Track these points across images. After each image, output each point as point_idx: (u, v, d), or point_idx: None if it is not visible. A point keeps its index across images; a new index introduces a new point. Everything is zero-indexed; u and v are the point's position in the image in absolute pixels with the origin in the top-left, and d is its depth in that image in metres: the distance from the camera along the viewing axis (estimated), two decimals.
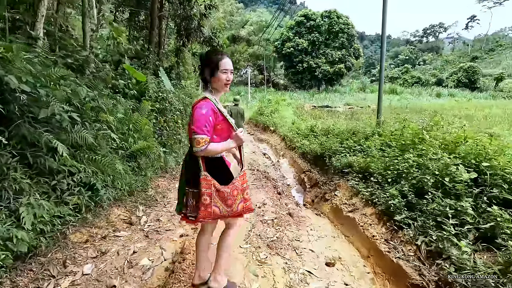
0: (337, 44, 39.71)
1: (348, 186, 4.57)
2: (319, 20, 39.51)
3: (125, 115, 4.76)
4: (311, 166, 6.86)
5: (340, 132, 6.96)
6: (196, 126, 1.82)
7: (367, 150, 5.13)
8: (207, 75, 1.94)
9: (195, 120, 1.83)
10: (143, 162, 4.61)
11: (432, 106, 18.35)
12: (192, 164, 1.96)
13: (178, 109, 7.70)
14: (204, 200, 1.89)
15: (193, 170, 1.95)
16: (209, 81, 1.98)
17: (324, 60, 39.38)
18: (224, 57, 1.93)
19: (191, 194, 2.00)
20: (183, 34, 12.38)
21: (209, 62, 1.93)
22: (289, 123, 11.90)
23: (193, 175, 1.95)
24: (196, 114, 1.85)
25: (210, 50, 2.19)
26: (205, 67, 1.95)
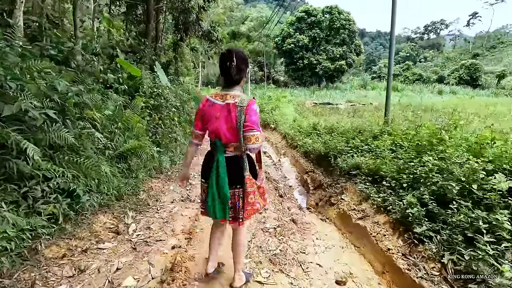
0: (338, 41, 39.23)
1: (356, 189, 4.21)
2: (320, 16, 39.00)
3: (115, 112, 4.40)
4: (315, 166, 6.50)
5: (345, 131, 6.60)
6: (255, 123, 1.89)
7: (376, 151, 4.77)
8: (244, 74, 2.01)
9: (252, 117, 1.89)
10: (134, 163, 4.25)
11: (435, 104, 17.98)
12: (235, 164, 1.99)
13: (174, 106, 7.33)
14: (250, 199, 2.00)
15: (237, 171, 1.99)
16: (241, 80, 2.02)
17: (325, 57, 38.92)
18: None
19: (237, 196, 2.02)
20: (181, 28, 11.99)
21: (247, 60, 2.02)
22: (290, 121, 11.53)
23: (239, 175, 1.99)
24: (252, 112, 1.90)
25: (241, 50, 2.06)
26: (247, 65, 2.03)
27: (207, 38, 11.51)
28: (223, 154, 1.98)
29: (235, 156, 1.99)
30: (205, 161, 2.16)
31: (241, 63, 1.96)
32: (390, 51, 5.86)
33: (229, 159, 1.98)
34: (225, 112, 1.93)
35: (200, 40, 12.06)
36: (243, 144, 1.93)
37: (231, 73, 1.94)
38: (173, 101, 7.14)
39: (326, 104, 20.02)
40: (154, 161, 4.94)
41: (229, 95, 1.95)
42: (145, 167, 4.64)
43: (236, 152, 2.00)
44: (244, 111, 1.88)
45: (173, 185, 5.16)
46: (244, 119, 1.87)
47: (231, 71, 1.94)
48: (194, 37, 12.15)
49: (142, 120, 5.13)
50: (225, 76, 1.99)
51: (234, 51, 1.95)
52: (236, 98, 1.92)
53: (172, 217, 3.85)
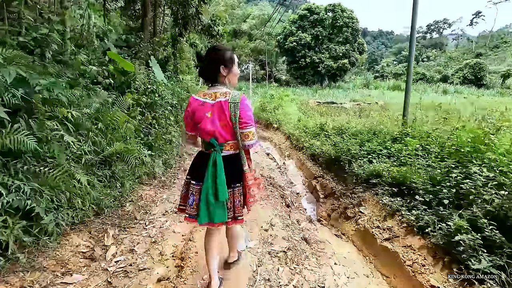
0: (341, 39, 38.62)
1: (379, 202, 3.61)
2: (322, 14, 38.37)
3: (102, 111, 3.81)
4: (324, 171, 5.90)
5: (357, 132, 5.99)
6: (249, 118, 1.88)
7: (399, 156, 4.17)
8: (223, 69, 1.91)
9: (245, 112, 1.86)
10: (119, 170, 3.65)
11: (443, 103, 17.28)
12: (234, 161, 1.96)
13: (171, 104, 6.73)
14: (252, 192, 2.01)
15: (236, 167, 1.96)
16: (225, 76, 1.94)
17: (327, 55, 38.36)
18: (233, 52, 1.98)
19: (238, 194, 1.97)
20: (180, 23, 11.38)
21: (225, 56, 1.91)
22: (295, 120, 10.92)
23: (238, 173, 1.97)
24: (246, 108, 1.87)
25: (219, 46, 2.00)
26: (222, 62, 1.91)
27: (207, 33, 10.88)
28: (221, 154, 1.91)
29: (233, 154, 1.96)
30: (198, 162, 2.07)
31: (214, 58, 1.92)
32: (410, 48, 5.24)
33: (227, 158, 1.93)
34: (217, 111, 1.86)
35: (200, 35, 11.41)
36: (240, 141, 1.91)
37: (204, 71, 1.97)
38: (169, 99, 6.53)
39: (330, 103, 19.40)
40: (146, 165, 4.34)
41: (219, 93, 1.89)
42: (133, 173, 4.04)
43: (233, 150, 1.96)
44: (239, 107, 1.84)
45: (166, 193, 4.57)
46: (239, 115, 1.84)
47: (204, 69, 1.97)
48: (194, 32, 11.51)
49: (131, 120, 4.55)
50: (201, 74, 2.03)
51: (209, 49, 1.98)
52: (228, 95, 1.87)
53: (162, 234, 3.25)
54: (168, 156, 5.92)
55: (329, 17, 38.57)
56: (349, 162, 4.86)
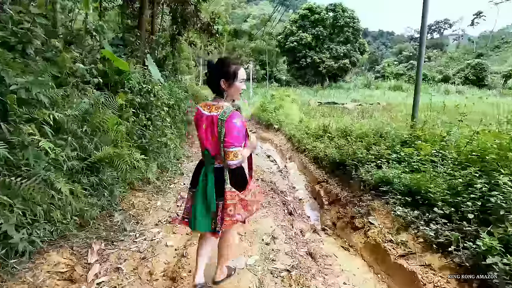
0: (342, 39, 38.40)
1: (390, 212, 3.32)
2: (323, 14, 38.06)
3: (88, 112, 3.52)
4: (328, 176, 5.60)
5: (362, 135, 5.70)
6: (234, 138, 1.82)
7: (409, 161, 3.88)
8: (223, 83, 1.90)
9: (231, 132, 1.82)
10: (108, 176, 3.36)
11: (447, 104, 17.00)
12: (218, 177, 1.95)
13: (167, 105, 6.44)
14: (230, 211, 1.94)
15: (219, 183, 1.95)
16: (224, 90, 1.92)
17: (328, 55, 38.11)
18: (241, 67, 1.93)
19: (219, 207, 1.95)
20: (179, 21, 11.11)
21: (227, 70, 1.88)
22: (296, 121, 10.62)
23: (220, 188, 1.94)
24: (232, 127, 1.82)
25: (225, 59, 1.97)
26: (223, 75, 1.89)
27: (207, 32, 10.59)
28: (212, 166, 1.98)
29: (222, 167, 1.97)
30: (196, 170, 2.14)
31: (218, 71, 1.91)
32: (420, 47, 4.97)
33: (217, 170, 1.97)
34: (209, 124, 1.90)
35: (199, 34, 11.13)
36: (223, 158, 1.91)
37: (209, 83, 1.96)
38: (165, 99, 6.24)
39: (332, 103, 19.12)
40: (139, 170, 4.05)
41: (214, 107, 1.92)
42: (124, 180, 3.75)
43: (223, 164, 1.95)
44: (225, 125, 1.82)
45: (161, 200, 4.28)
46: (224, 134, 1.82)
47: (208, 81, 1.96)
48: (193, 31, 11.23)
49: (123, 122, 4.26)
50: (207, 84, 2.01)
51: (213, 62, 1.95)
52: (220, 110, 1.87)
53: (153, 249, 2.96)
54: (164, 160, 5.64)
55: (330, 17, 38.30)
56: (355, 167, 4.57)
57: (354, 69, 46.63)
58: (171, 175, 5.58)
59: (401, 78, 48.05)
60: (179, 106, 8.57)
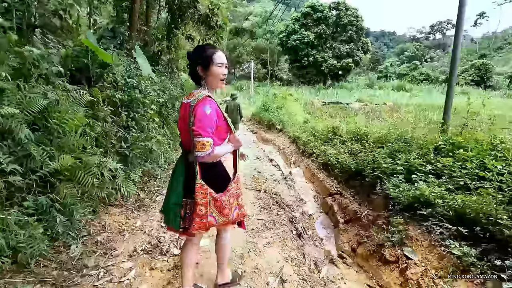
0: (345, 38, 37.66)
1: (434, 244, 2.53)
2: (326, 12, 37.24)
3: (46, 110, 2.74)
4: (342, 186, 4.82)
5: (382, 139, 4.92)
6: (201, 127, 1.61)
7: (451, 175, 3.09)
8: (200, 70, 1.74)
9: (199, 120, 1.62)
10: (67, 194, 2.56)
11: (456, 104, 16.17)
12: (188, 170, 1.79)
13: (160, 103, 5.66)
14: (200, 211, 1.74)
15: (188, 178, 1.78)
16: (203, 78, 1.77)
17: (331, 54, 37.38)
18: (218, 50, 1.76)
19: (188, 205, 1.80)
20: (176, 13, 10.31)
21: (202, 55, 1.73)
22: (300, 122, 9.85)
23: (188, 183, 1.78)
24: (199, 114, 1.63)
25: (200, 44, 1.84)
26: (198, 61, 1.74)
27: (205, 24, 9.78)
28: (183, 160, 1.85)
29: (191, 162, 1.75)
30: (175, 163, 1.96)
31: (193, 58, 1.77)
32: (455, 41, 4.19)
33: (189, 164, 1.77)
34: (184, 112, 1.75)
35: (197, 26, 10.30)
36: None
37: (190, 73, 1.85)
38: (154, 96, 5.46)
39: (336, 103, 18.31)
40: (112, 184, 3.26)
41: (192, 94, 1.76)
42: (90, 198, 2.96)
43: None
44: (193, 111, 1.64)
45: (142, 218, 3.50)
46: (192, 122, 1.63)
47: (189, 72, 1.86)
48: (190, 23, 10.42)
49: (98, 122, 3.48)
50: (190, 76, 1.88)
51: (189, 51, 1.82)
52: (193, 97, 1.71)
53: None
54: (152, 165, 4.87)
55: (333, 15, 37.50)
56: (378, 179, 3.79)
57: (356, 69, 45.92)
58: (159, 183, 4.82)
59: (404, 78, 47.36)
60: (173, 104, 7.78)
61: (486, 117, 5.30)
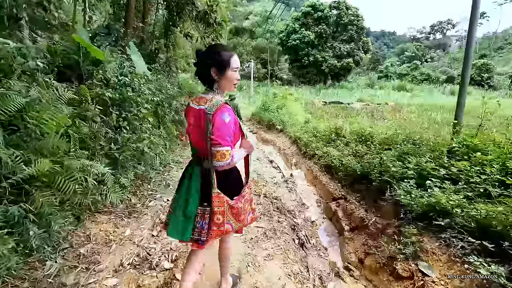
0: (345, 37, 37.43)
1: (454, 260, 2.26)
2: (327, 11, 36.98)
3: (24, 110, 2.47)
4: (346, 190, 4.56)
5: (388, 141, 4.66)
6: (220, 136, 1.56)
7: (469, 181, 2.83)
8: (215, 73, 1.64)
9: (217, 129, 1.56)
10: (44, 203, 2.29)
11: None
12: (204, 179, 1.71)
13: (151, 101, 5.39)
14: (217, 220, 1.69)
15: (205, 187, 1.70)
16: (216, 80, 1.68)
17: (331, 54, 37.14)
18: (234, 54, 1.67)
19: (204, 215, 1.70)
20: (174, 10, 10.04)
21: (218, 58, 1.62)
22: (301, 122, 9.58)
23: (205, 192, 1.70)
24: (218, 122, 1.56)
25: (216, 45, 1.74)
26: (213, 63, 1.63)
27: (203, 21, 9.50)
28: (199, 166, 1.74)
29: (207, 170, 1.68)
30: (184, 171, 1.88)
31: (207, 60, 1.65)
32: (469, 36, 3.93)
33: (204, 172, 1.71)
34: (197, 120, 1.66)
35: (196, 24, 10.02)
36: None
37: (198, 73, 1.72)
38: (149, 95, 5.19)
39: (337, 103, 18.04)
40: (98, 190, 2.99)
41: (203, 100, 1.68)
42: (71, 206, 2.69)
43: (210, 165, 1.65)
44: (211, 120, 1.56)
45: (132, 226, 3.23)
46: (211, 131, 1.56)
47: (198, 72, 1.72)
48: (189, 21, 10.15)
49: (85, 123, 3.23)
50: (196, 75, 1.76)
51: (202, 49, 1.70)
52: (208, 103, 1.62)
53: None
54: (146, 168, 4.62)
55: (333, 15, 37.24)
56: (387, 185, 3.52)
57: (356, 69, 45.70)
58: (153, 186, 4.55)
59: (404, 78, 47.16)
60: (170, 104, 7.52)
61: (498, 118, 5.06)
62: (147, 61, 8.43)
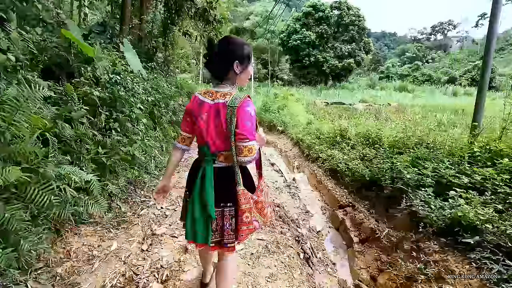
0: (346, 38, 37.14)
1: (487, 284, 1.95)
2: (328, 11, 36.70)
3: None
4: (353, 197, 4.24)
5: (399, 144, 4.34)
6: (247, 130, 1.47)
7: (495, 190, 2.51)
8: (237, 67, 1.53)
9: (244, 123, 1.46)
10: (11, 218, 1.97)
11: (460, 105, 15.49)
12: (226, 177, 1.57)
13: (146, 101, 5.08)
14: (246, 218, 1.57)
15: (228, 185, 1.57)
16: (236, 74, 1.56)
17: (332, 54, 36.87)
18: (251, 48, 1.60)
19: (229, 216, 1.58)
20: (172, 8, 9.74)
21: (243, 52, 1.54)
22: (304, 123, 9.26)
23: (230, 191, 1.56)
24: (245, 116, 1.47)
25: (235, 37, 1.59)
26: (237, 57, 1.52)
27: (202, 19, 9.18)
28: (212, 165, 1.58)
29: (227, 167, 1.58)
30: (191, 170, 1.74)
31: (227, 52, 1.53)
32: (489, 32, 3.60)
33: (219, 170, 1.58)
34: (214, 114, 1.53)
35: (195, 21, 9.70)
36: (234, 154, 1.50)
37: (212, 64, 1.57)
38: (143, 94, 4.88)
39: (339, 103, 17.72)
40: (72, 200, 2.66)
41: (220, 93, 1.54)
42: (47, 218, 2.37)
43: (228, 162, 1.57)
44: (236, 113, 1.45)
45: (120, 238, 2.92)
46: (236, 125, 1.46)
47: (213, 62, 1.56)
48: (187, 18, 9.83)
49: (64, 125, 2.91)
50: (208, 68, 1.60)
51: (222, 39, 1.58)
52: (227, 97, 1.50)
53: None
54: (139, 173, 4.30)
55: (334, 15, 36.94)
56: (402, 193, 3.20)
57: (358, 69, 45.41)
58: (147, 192, 4.24)
59: (406, 79, 46.88)
60: (167, 104, 7.21)
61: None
62: (144, 60, 8.13)
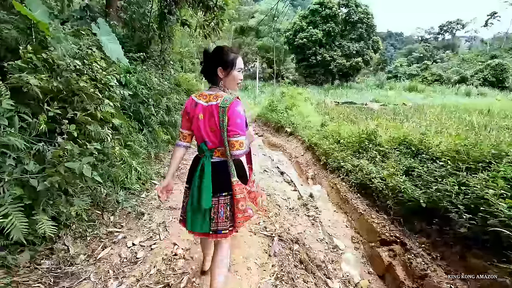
0: (354, 36, 35.91)
1: None
2: (335, 9, 35.47)
3: None
4: (400, 228, 3.08)
5: (460, 154, 3.18)
6: (238, 127, 1.67)
7: None
8: (221, 72, 1.74)
9: (235, 120, 1.66)
10: None
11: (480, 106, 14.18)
12: (222, 170, 1.77)
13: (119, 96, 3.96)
14: (241, 206, 1.78)
15: (224, 177, 1.76)
16: (221, 79, 1.76)
17: (339, 53, 35.65)
18: (239, 56, 1.79)
19: (224, 204, 1.77)
20: None
21: (225, 59, 1.73)
22: (317, 125, 8.09)
23: (225, 182, 1.76)
24: (235, 114, 1.67)
25: (223, 46, 1.78)
26: (220, 63, 1.73)
27: (202, 5, 8.06)
28: (210, 160, 1.77)
29: (222, 161, 1.77)
30: (192, 166, 1.91)
31: (214, 60, 1.74)
32: None
33: (216, 165, 1.77)
34: (208, 115, 1.72)
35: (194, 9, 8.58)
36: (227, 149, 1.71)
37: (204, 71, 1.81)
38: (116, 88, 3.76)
39: (350, 103, 16.54)
40: None
41: (212, 96, 1.74)
42: None
43: (223, 157, 1.77)
44: (227, 112, 1.66)
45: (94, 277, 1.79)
46: (227, 122, 1.66)
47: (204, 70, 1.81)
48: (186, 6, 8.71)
49: None
50: (202, 73, 1.84)
51: (207, 49, 1.79)
52: (219, 99, 1.69)
53: None
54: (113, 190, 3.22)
55: (342, 12, 35.73)
56: (493, 236, 2.05)
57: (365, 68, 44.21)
58: (118, 218, 3.14)
59: (414, 78, 45.56)
60: (158, 102, 6.08)
61: None
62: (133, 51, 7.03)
